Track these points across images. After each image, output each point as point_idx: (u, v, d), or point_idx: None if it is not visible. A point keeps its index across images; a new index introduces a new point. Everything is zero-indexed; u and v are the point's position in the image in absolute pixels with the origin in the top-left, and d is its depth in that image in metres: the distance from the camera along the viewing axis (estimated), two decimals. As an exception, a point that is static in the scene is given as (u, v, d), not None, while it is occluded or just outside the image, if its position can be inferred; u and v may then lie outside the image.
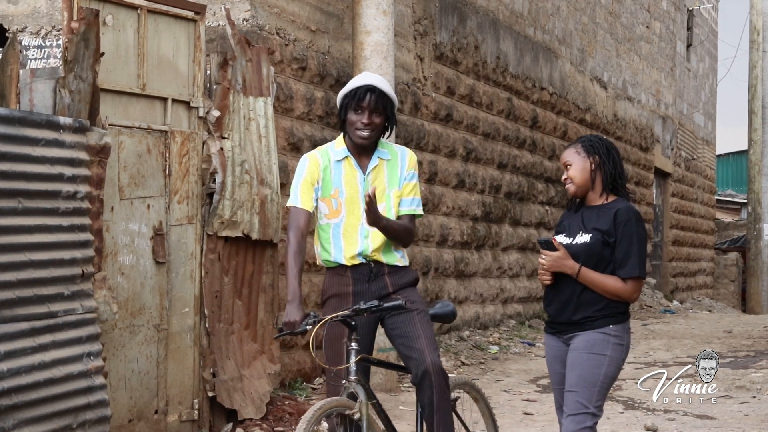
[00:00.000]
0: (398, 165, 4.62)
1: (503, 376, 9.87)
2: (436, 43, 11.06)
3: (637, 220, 4.34)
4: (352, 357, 4.25)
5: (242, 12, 7.89)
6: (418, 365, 4.41)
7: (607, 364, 4.30)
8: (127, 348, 6.05)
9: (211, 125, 6.67)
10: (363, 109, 4.49)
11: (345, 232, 4.54)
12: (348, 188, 4.56)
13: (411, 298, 4.54)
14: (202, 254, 6.58)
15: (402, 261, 4.63)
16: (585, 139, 4.47)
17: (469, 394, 4.96)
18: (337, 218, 4.55)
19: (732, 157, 34.16)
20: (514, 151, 13.39)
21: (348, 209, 4.55)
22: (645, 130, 19.18)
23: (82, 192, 5.43)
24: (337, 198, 4.56)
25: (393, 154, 4.64)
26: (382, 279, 4.55)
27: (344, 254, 4.54)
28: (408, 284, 4.62)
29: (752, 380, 9.29)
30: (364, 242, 4.53)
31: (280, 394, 7.49)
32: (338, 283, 4.57)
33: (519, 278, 13.58)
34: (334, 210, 4.56)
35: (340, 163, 4.58)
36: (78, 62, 5.51)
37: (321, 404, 4.08)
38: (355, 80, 4.60)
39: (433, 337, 4.52)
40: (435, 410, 4.41)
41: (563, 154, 4.48)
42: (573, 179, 4.41)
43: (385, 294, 4.52)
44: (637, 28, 18.87)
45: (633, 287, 4.31)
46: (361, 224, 4.53)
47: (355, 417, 4.14)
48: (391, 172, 4.60)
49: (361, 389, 4.22)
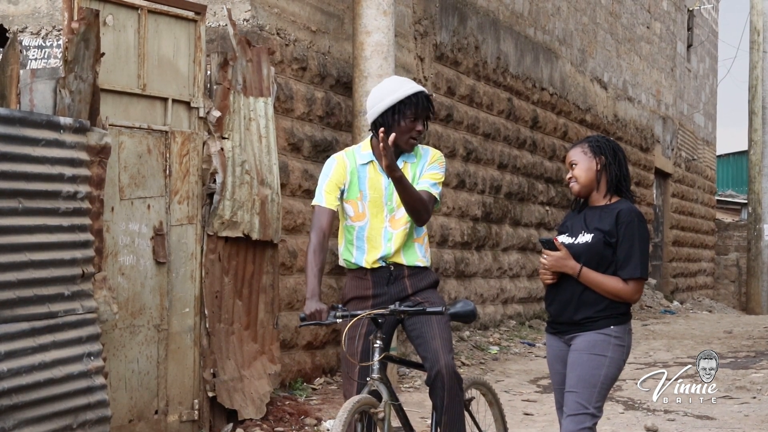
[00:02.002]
0: (420, 164, 4.61)
1: (503, 376, 9.87)
2: (437, 43, 11.06)
3: (639, 221, 4.33)
4: (377, 355, 4.24)
5: (243, 12, 7.89)
6: (431, 366, 4.43)
7: (608, 365, 4.30)
8: (127, 348, 6.05)
9: (211, 125, 6.67)
10: (418, 117, 4.48)
11: (369, 235, 4.55)
12: (372, 192, 4.55)
13: (431, 300, 4.55)
14: (203, 254, 6.58)
15: (423, 261, 4.62)
16: (592, 139, 4.46)
17: (485, 397, 4.97)
18: (362, 221, 4.56)
19: (732, 158, 34.16)
20: (514, 152, 13.39)
21: (372, 213, 4.55)
22: (645, 130, 19.18)
23: (83, 192, 5.43)
24: (362, 201, 4.56)
25: (419, 157, 4.62)
26: (402, 282, 4.56)
27: (366, 258, 4.55)
28: (427, 286, 4.62)
29: (752, 381, 9.28)
30: (387, 245, 4.54)
31: (280, 395, 7.50)
32: (358, 286, 4.58)
33: (519, 279, 13.58)
34: (359, 213, 4.56)
35: (365, 166, 4.57)
36: (78, 62, 5.51)
37: (352, 403, 4.04)
38: (402, 84, 4.51)
39: (450, 338, 4.52)
40: (444, 411, 4.43)
41: (569, 153, 4.46)
42: (578, 178, 4.41)
43: (404, 296, 4.52)
44: (637, 29, 18.87)
45: (634, 288, 4.31)
46: (385, 228, 4.54)
47: (379, 416, 4.14)
48: (414, 173, 4.59)
49: (384, 388, 4.22)
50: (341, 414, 3.96)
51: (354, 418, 4.06)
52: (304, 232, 8.32)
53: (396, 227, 4.55)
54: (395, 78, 4.65)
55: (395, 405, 4.28)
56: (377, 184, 4.55)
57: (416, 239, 4.61)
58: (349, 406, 3.99)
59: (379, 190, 4.55)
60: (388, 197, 4.54)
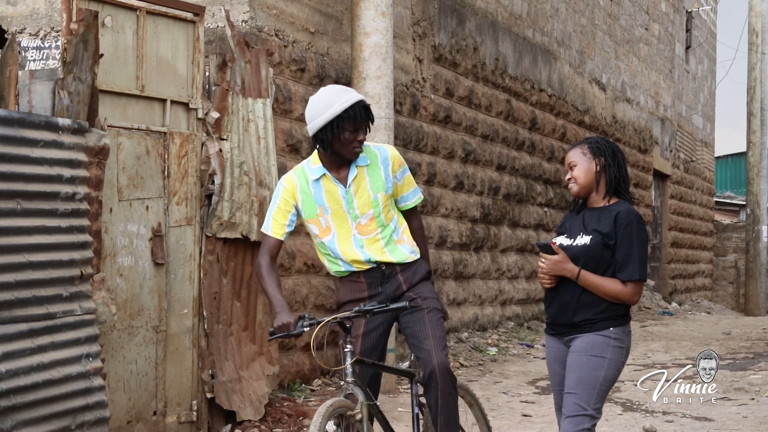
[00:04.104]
0: (380, 167, 4.58)
1: (502, 377, 9.87)
2: (435, 44, 11.06)
3: (638, 222, 4.33)
4: (348, 359, 4.26)
5: (241, 13, 7.89)
6: (425, 365, 4.46)
7: (607, 367, 4.29)
8: (125, 349, 6.05)
9: (209, 127, 6.67)
10: (358, 127, 4.44)
11: (341, 246, 4.55)
12: (331, 203, 4.54)
13: (423, 295, 4.58)
14: (201, 256, 6.58)
15: (412, 256, 4.63)
16: (592, 140, 4.45)
17: (463, 399, 4.97)
18: (329, 235, 4.56)
19: (731, 159, 34.17)
20: (512, 153, 13.39)
21: (337, 224, 4.55)
22: (644, 131, 19.19)
23: (81, 193, 5.43)
24: (323, 216, 4.55)
25: (372, 157, 4.58)
26: (396, 278, 4.57)
27: (351, 264, 4.57)
28: (421, 279, 4.63)
29: (751, 382, 9.28)
30: (363, 252, 4.54)
31: (278, 396, 7.50)
32: (353, 289, 4.60)
33: (518, 280, 13.58)
34: (324, 228, 4.56)
35: (318, 182, 4.54)
36: (77, 63, 5.51)
37: (327, 406, 4.09)
38: (338, 97, 4.44)
39: (443, 336, 4.54)
40: (439, 411, 4.46)
41: (569, 154, 4.46)
42: (577, 179, 4.41)
43: (400, 293, 4.56)
44: (635, 30, 18.88)
45: (633, 290, 4.30)
46: (353, 236, 4.54)
47: (357, 418, 4.17)
48: (373, 177, 4.56)
49: (360, 390, 4.24)
50: (315, 419, 4.01)
51: (330, 422, 4.11)
52: (302, 233, 8.31)
53: (364, 233, 4.55)
54: (331, 89, 4.53)
55: (371, 405, 4.30)
56: (335, 195, 4.53)
57: (398, 241, 4.61)
58: (322, 411, 4.04)
59: (338, 201, 4.53)
60: (348, 206, 4.53)
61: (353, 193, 4.53)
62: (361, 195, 4.53)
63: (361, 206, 4.52)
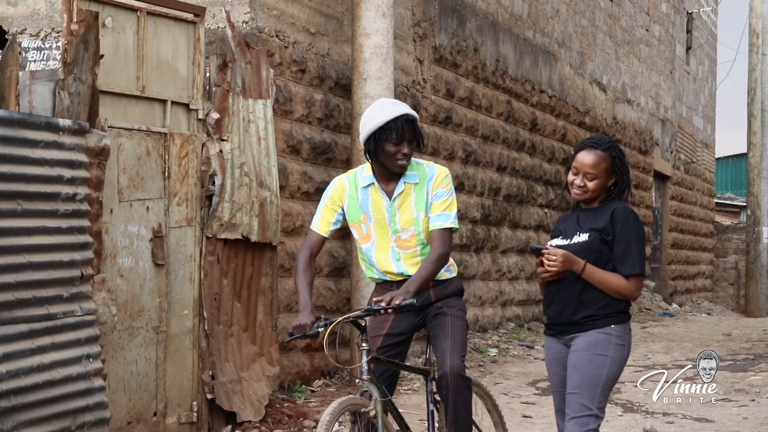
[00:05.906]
0: (425, 188, 4.62)
1: (502, 378, 9.87)
2: (436, 45, 11.06)
3: (634, 218, 4.35)
4: (364, 356, 4.32)
5: (242, 14, 7.89)
6: (439, 367, 4.56)
7: (609, 365, 4.29)
8: (126, 350, 6.05)
9: (210, 127, 6.67)
10: (402, 140, 4.51)
11: (377, 256, 4.63)
12: (375, 213, 4.61)
13: (449, 304, 4.67)
14: (201, 256, 6.58)
15: (447, 275, 4.72)
16: (615, 156, 4.37)
17: (482, 400, 5.04)
18: (368, 243, 4.64)
19: (731, 160, 34.17)
20: (513, 154, 13.39)
21: (378, 233, 4.62)
22: (644, 132, 19.18)
23: (81, 194, 5.43)
24: (366, 223, 4.63)
25: (422, 176, 4.63)
26: (426, 291, 4.63)
27: (384, 274, 4.65)
28: (451, 294, 4.72)
29: (751, 383, 9.28)
30: (398, 264, 4.62)
31: (278, 397, 7.50)
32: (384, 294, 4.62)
33: (518, 281, 13.58)
34: (364, 235, 4.64)
35: (366, 189, 4.62)
36: (77, 64, 5.51)
37: (339, 402, 4.15)
38: (384, 109, 4.53)
39: (462, 341, 4.60)
40: (449, 410, 4.54)
41: (584, 160, 4.35)
42: (591, 191, 4.38)
43: (427, 304, 4.65)
44: (636, 31, 18.88)
45: (635, 284, 4.32)
46: (392, 248, 4.61)
47: (370, 414, 4.23)
48: (418, 195, 4.61)
49: (375, 387, 4.29)
50: (324, 417, 4.07)
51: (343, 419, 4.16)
52: (302, 234, 8.31)
53: (403, 248, 4.61)
54: (382, 102, 4.64)
55: (385, 401, 4.33)
56: (380, 206, 4.60)
57: None
58: (331, 409, 4.09)
59: (381, 212, 4.60)
60: (390, 219, 4.59)
61: (397, 208, 4.59)
62: (404, 211, 4.59)
63: (403, 222, 4.59)
